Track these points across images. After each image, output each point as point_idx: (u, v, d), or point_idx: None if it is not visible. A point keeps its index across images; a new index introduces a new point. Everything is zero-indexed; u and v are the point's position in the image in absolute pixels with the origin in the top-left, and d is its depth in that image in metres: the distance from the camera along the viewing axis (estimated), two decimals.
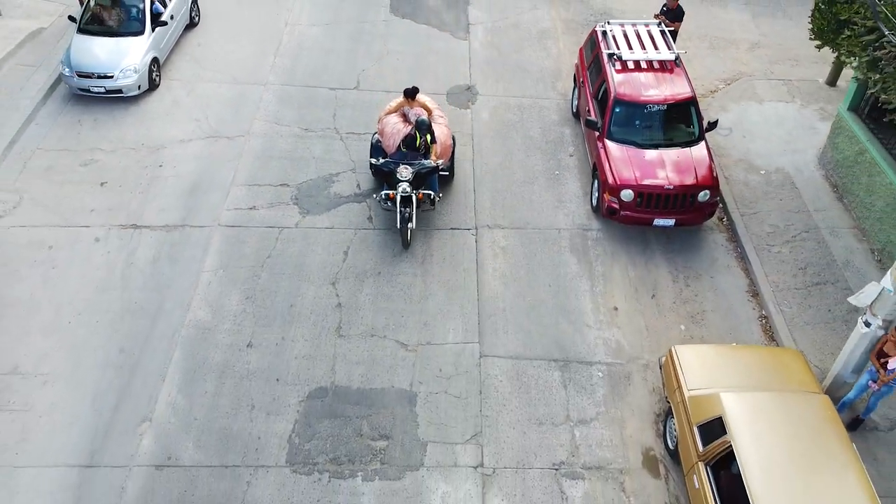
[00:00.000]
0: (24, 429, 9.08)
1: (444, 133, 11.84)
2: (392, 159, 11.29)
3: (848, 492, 7.13)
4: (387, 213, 11.66)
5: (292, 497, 8.51)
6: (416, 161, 11.14)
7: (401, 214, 10.90)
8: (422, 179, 11.16)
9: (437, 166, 11.36)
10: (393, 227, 11.57)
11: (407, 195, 10.87)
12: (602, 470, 8.85)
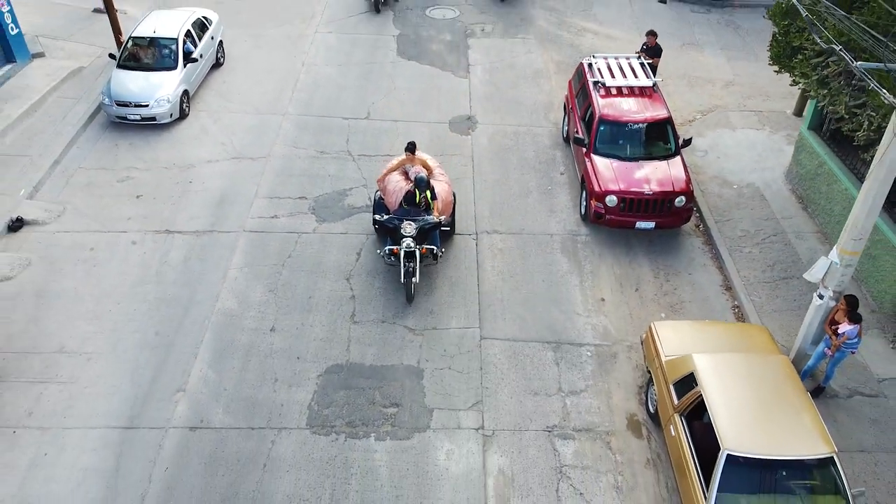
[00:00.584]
0: (70, 397, 10.11)
1: (445, 190, 12.16)
2: (395, 215, 11.59)
3: (802, 428, 8.15)
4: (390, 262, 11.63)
5: (312, 454, 9.48)
6: (420, 217, 11.41)
7: (405, 269, 11.16)
8: (424, 235, 11.40)
9: (440, 222, 11.65)
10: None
11: (411, 250, 11.11)
12: (591, 432, 9.84)
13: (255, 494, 9.01)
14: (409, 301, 11.51)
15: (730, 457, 7.89)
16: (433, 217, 11.52)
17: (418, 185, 11.52)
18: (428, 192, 11.63)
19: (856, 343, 9.41)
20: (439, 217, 11.67)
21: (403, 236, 11.22)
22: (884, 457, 9.41)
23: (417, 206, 11.56)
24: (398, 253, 11.20)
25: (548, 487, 9.15)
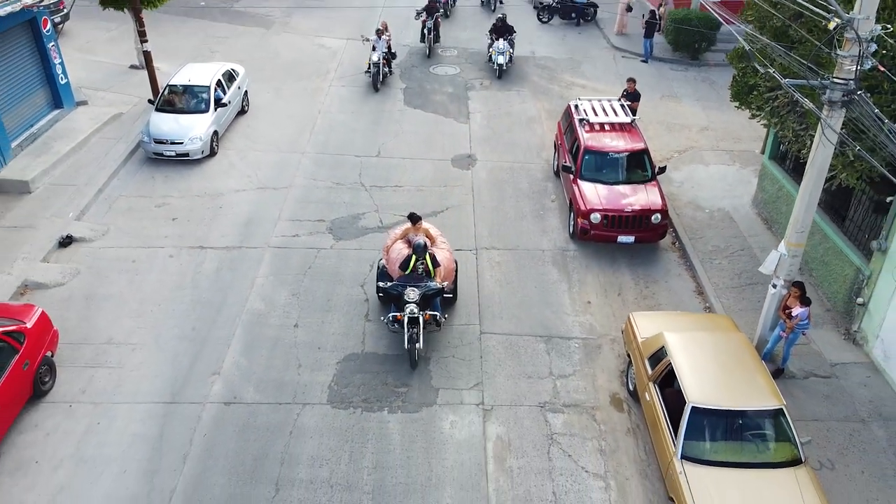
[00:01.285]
0: (118, 379, 11.46)
1: (447, 258, 12.41)
2: (399, 282, 11.75)
3: (755, 386, 9.51)
4: (394, 328, 11.69)
5: (333, 424, 10.77)
6: (423, 283, 11.58)
7: (408, 335, 11.28)
8: (427, 301, 11.53)
9: (443, 288, 11.78)
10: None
11: (414, 316, 11.23)
12: (578, 407, 11.15)
13: (283, 455, 10.26)
14: (413, 367, 11.58)
15: (694, 408, 9.24)
16: (436, 283, 11.65)
17: (416, 250, 11.76)
18: (427, 258, 11.81)
19: (807, 324, 10.87)
20: (442, 284, 11.79)
21: (407, 302, 11.31)
22: (834, 424, 10.70)
23: (415, 271, 11.75)
24: (402, 319, 11.28)
25: (540, 450, 10.42)
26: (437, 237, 12.83)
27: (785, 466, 8.99)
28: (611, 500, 9.73)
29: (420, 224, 12.62)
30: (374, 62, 21.15)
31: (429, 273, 11.82)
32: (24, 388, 10.60)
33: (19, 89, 17.34)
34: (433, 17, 24.20)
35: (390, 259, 12.33)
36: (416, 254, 11.78)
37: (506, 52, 22.35)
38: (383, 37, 21.66)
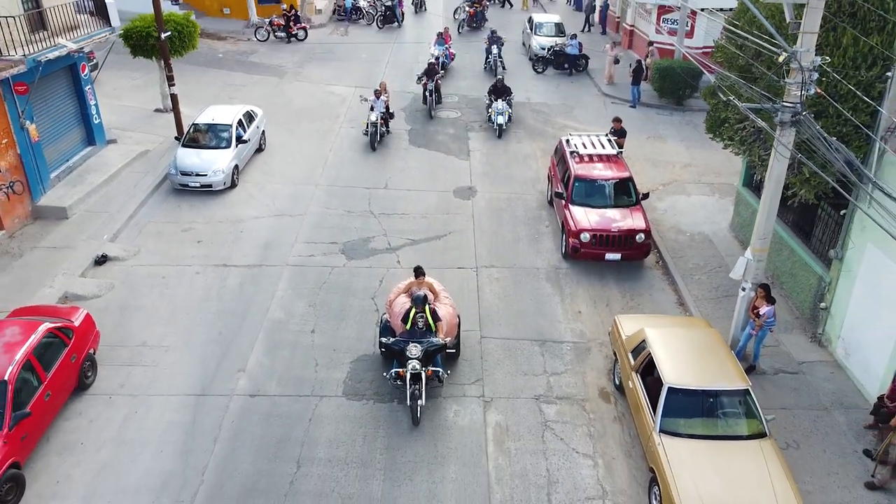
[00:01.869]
0: (153, 376, 12.65)
1: (450, 313, 12.39)
2: (401, 338, 11.70)
3: (724, 370, 10.73)
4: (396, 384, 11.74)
5: (348, 413, 11.92)
6: (425, 339, 11.52)
7: (410, 392, 11.28)
8: (429, 357, 11.47)
9: (445, 344, 11.68)
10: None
11: (416, 372, 11.22)
12: (569, 399, 12.32)
13: (303, 438, 11.39)
14: (416, 424, 11.50)
15: (670, 388, 10.44)
16: (438, 339, 11.59)
17: (415, 302, 11.79)
18: (427, 311, 11.82)
19: (773, 321, 12.15)
20: (444, 339, 11.73)
21: (409, 358, 11.28)
22: (800, 411, 11.86)
23: (415, 324, 11.71)
24: (404, 375, 11.32)
25: (535, 435, 11.55)
26: (441, 292, 12.83)
27: (751, 439, 10.15)
28: (599, 476, 10.83)
29: (423, 278, 12.77)
30: (371, 122, 21.50)
31: (429, 327, 11.79)
32: (71, 379, 11.79)
33: (59, 127, 18.97)
34: (434, 80, 24.72)
35: (393, 313, 12.33)
36: (415, 306, 11.77)
37: (504, 112, 22.98)
38: (381, 97, 22.13)
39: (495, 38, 29.76)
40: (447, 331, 12.03)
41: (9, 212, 16.66)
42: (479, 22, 36.83)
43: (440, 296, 12.68)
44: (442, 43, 28.98)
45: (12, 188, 16.70)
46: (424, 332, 11.69)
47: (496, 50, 29.08)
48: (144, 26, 21.97)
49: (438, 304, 12.39)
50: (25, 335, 11.16)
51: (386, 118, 22.28)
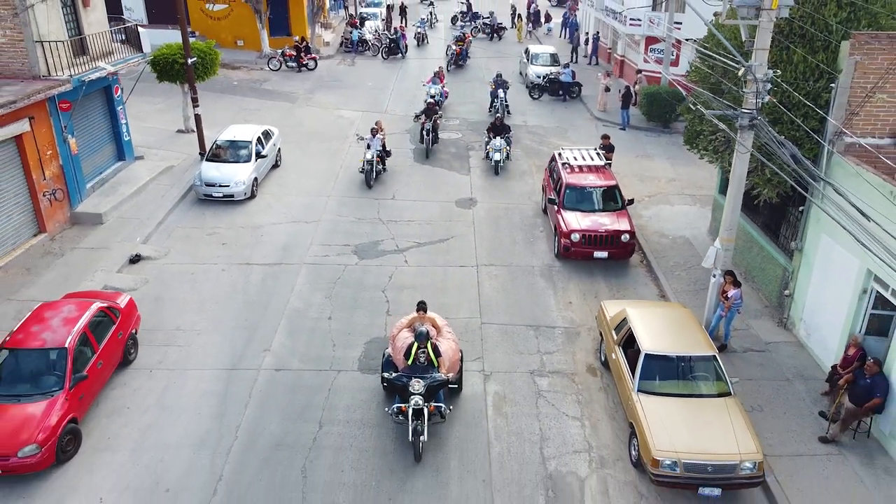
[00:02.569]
0: (188, 354, 14.14)
1: (452, 348, 12.38)
2: (404, 373, 11.68)
3: (694, 340, 12.25)
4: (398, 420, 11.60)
5: (363, 384, 13.38)
6: (428, 375, 11.50)
7: (413, 427, 11.22)
8: (432, 393, 11.45)
9: (448, 380, 11.68)
10: None
11: (419, 408, 11.18)
12: (560, 373, 13.80)
13: (324, 404, 12.84)
14: (418, 460, 11.43)
15: (647, 355, 11.95)
16: (441, 375, 11.59)
17: (417, 338, 11.80)
18: (429, 347, 11.81)
19: (740, 303, 13.70)
20: (447, 375, 11.74)
21: (412, 394, 11.26)
22: (765, 382, 13.34)
23: (416, 359, 11.73)
24: (406, 411, 11.30)
25: (529, 401, 13.01)
26: (444, 327, 12.82)
27: (717, 397, 11.61)
28: (585, 434, 12.27)
29: (425, 313, 12.92)
30: (367, 160, 21.54)
31: (431, 363, 11.78)
32: (118, 353, 13.29)
33: (95, 142, 20.72)
34: (432, 120, 24.57)
35: (395, 348, 12.35)
36: (417, 341, 11.79)
37: (502, 149, 22.99)
38: (378, 135, 21.98)
39: (501, 82, 29.10)
40: (449, 366, 12.02)
41: (51, 217, 18.29)
42: (463, 60, 37.78)
43: (442, 331, 12.67)
44: (437, 82, 28.98)
45: (55, 195, 18.37)
46: (426, 368, 11.67)
47: (502, 94, 28.64)
48: (170, 53, 23.88)
49: (441, 339, 12.35)
50: (80, 312, 12.70)
51: (382, 156, 22.22)
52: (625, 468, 11.59)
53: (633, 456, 11.55)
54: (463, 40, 38.49)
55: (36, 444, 10.81)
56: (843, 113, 13.00)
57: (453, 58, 37.12)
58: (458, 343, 12.96)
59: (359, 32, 40.55)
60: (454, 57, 37.15)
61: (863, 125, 13.08)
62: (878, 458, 11.63)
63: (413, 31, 44.42)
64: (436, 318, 12.98)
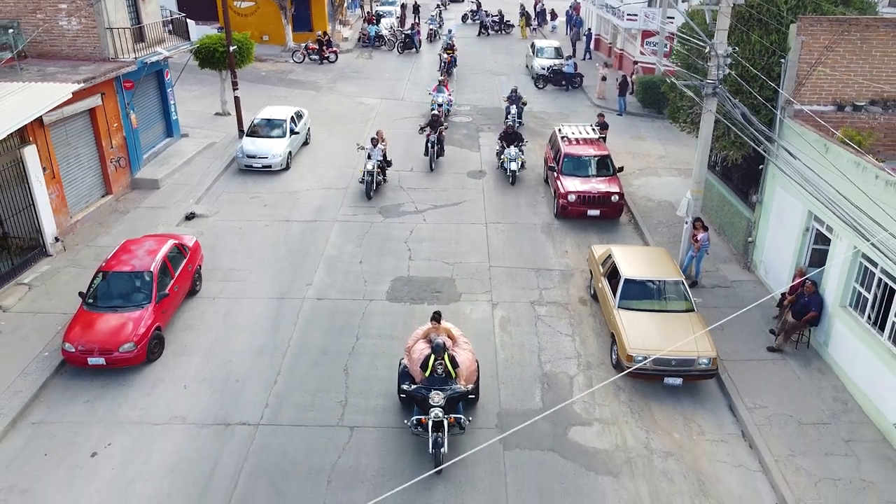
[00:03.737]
0: (243, 288, 16.85)
1: (469, 359, 12.31)
2: (423, 385, 11.59)
3: (665, 268, 14.87)
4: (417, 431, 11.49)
5: (391, 310, 16.05)
6: (447, 387, 11.43)
7: (433, 440, 11.10)
8: (451, 404, 11.38)
9: (467, 391, 11.60)
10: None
11: (439, 420, 11.08)
12: (556, 303, 16.43)
13: (359, 324, 15.51)
14: (439, 472, 11.24)
15: (626, 279, 14.57)
16: (461, 386, 11.56)
17: (435, 350, 11.65)
18: (447, 358, 11.68)
19: (707, 244, 16.31)
20: (466, 386, 11.71)
21: (432, 406, 11.17)
22: (727, 310, 15.81)
23: (434, 371, 11.60)
24: (426, 423, 11.19)
25: (530, 323, 15.65)
26: (459, 337, 12.78)
27: (682, 312, 14.23)
28: (575, 346, 14.90)
29: (441, 324, 12.75)
30: (368, 171, 21.22)
31: (449, 374, 11.70)
32: (188, 282, 16.01)
33: (149, 119, 23.51)
34: (437, 132, 24.00)
35: (412, 359, 12.22)
36: (434, 353, 11.67)
37: (517, 158, 22.55)
38: (378, 146, 21.68)
39: (516, 98, 27.85)
40: (466, 377, 11.97)
41: (116, 180, 21.07)
42: (450, 68, 36.46)
43: (458, 341, 12.63)
44: (442, 90, 28.81)
45: (119, 162, 21.15)
46: (444, 379, 11.60)
47: (514, 110, 27.34)
48: (211, 43, 26.68)
49: (457, 350, 12.29)
50: (160, 245, 15.46)
51: (383, 166, 21.89)
52: (606, 369, 14.22)
53: (613, 359, 14.17)
54: (452, 49, 37.34)
55: (132, 343, 13.54)
56: (792, 84, 15.58)
57: (444, 67, 36.11)
58: (475, 353, 12.80)
59: (376, 28, 43.32)
60: (445, 66, 36.14)
61: (809, 95, 15.66)
62: (814, 361, 14.22)
63: (426, 28, 47.13)
64: (451, 328, 12.84)
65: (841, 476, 11.43)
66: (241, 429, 12.48)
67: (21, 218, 16.94)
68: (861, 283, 13.28)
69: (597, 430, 12.62)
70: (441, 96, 28.53)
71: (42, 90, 16.71)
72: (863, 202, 11.90)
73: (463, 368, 11.91)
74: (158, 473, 11.51)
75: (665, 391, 13.55)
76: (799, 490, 11.13)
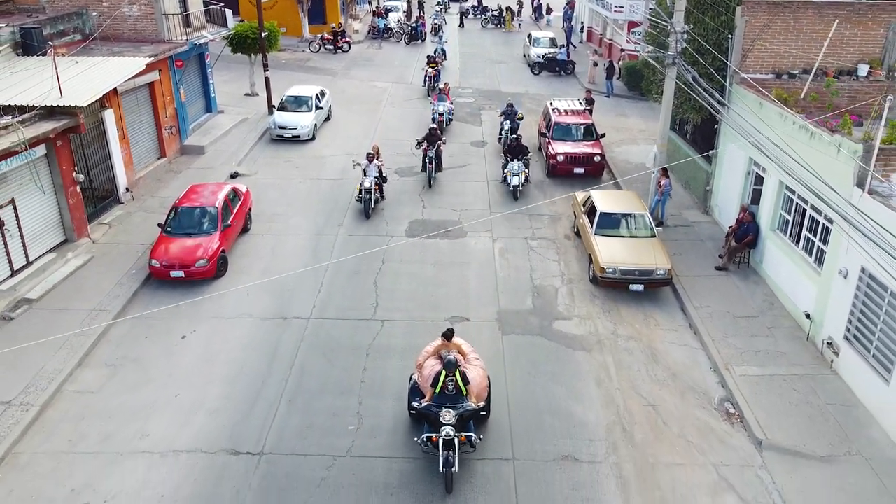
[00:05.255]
0: (285, 227, 20.29)
1: (480, 374, 12.12)
2: (434, 403, 11.43)
3: (634, 204, 18.34)
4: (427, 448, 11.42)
5: (409, 244, 19.45)
6: (459, 405, 11.28)
7: (443, 459, 11.00)
8: (463, 422, 11.26)
9: (479, 409, 11.50)
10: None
11: (450, 438, 10.97)
12: (545, 238, 19.87)
13: (383, 253, 18.89)
14: (449, 492, 11.22)
15: (601, 213, 18.03)
16: (472, 404, 11.41)
17: (447, 366, 11.47)
18: (458, 375, 11.48)
19: (669, 188, 19.77)
20: (477, 404, 11.56)
21: (443, 425, 11.09)
22: (686, 242, 19.35)
23: (444, 388, 11.46)
24: (436, 441, 11.11)
25: (523, 252, 19.09)
26: (470, 353, 12.57)
27: (645, 237, 17.67)
28: (560, 268, 18.34)
29: (451, 341, 12.52)
30: (365, 188, 20.74)
31: (459, 391, 11.53)
32: (242, 220, 19.46)
33: (193, 95, 26.97)
34: (435, 146, 23.45)
35: (423, 376, 12.09)
36: (446, 369, 11.49)
37: (520, 172, 22.21)
38: (374, 162, 21.20)
39: (511, 112, 26.45)
40: (478, 393, 11.81)
41: (169, 145, 24.52)
42: (435, 82, 33.35)
43: (469, 357, 12.47)
44: (443, 99, 28.53)
45: (171, 130, 24.60)
46: (455, 397, 11.47)
47: (508, 125, 25.99)
48: (244, 30, 30.16)
49: (468, 366, 12.14)
50: (220, 188, 18.95)
51: (380, 183, 21.35)
52: (584, 283, 17.66)
53: (590, 275, 17.61)
54: (436, 62, 34.69)
55: (205, 260, 16.97)
56: (738, 57, 19.01)
57: (429, 81, 33.45)
58: (486, 369, 12.64)
59: (384, 21, 46.77)
60: (430, 80, 33.43)
61: (752, 65, 19.10)
62: (752, 276, 17.67)
63: (430, 21, 50.55)
64: (462, 344, 12.64)
65: (761, 349, 14.87)
66: (296, 321, 15.93)
67: (100, 170, 20.37)
68: (786, 210, 16.72)
69: (575, 322, 16.08)
70: (442, 105, 28.13)
71: (118, 63, 20.12)
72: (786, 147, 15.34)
73: (474, 385, 11.74)
74: (236, 349, 14.95)
75: (630, 296, 17.00)
76: (727, 358, 14.57)
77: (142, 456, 12.02)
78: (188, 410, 13.09)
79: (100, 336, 15.11)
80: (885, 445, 12.23)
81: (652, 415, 13.22)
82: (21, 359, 13.90)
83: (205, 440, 12.37)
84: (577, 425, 12.93)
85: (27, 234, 16.99)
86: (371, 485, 11.53)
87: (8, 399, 13.09)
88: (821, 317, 14.63)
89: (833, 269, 14.18)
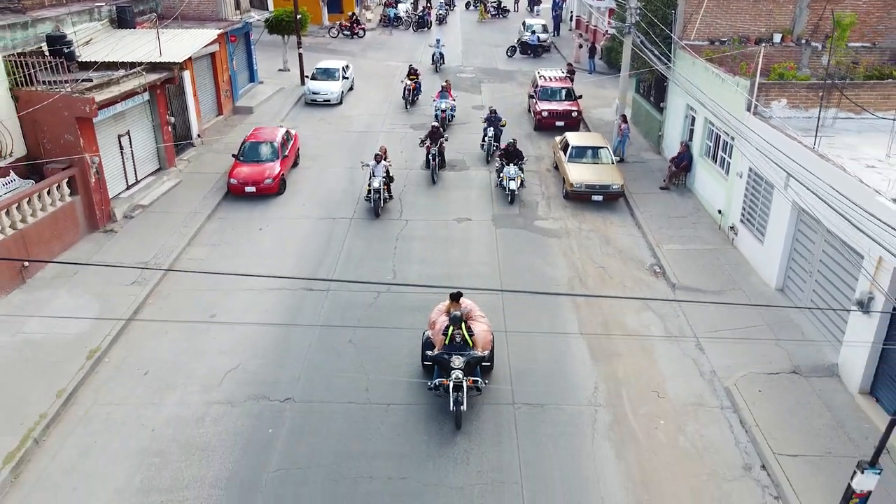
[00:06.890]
0: (325, 163, 25.76)
1: (484, 329, 13.56)
2: (444, 351, 12.79)
3: (599, 141, 23.81)
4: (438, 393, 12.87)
5: (421, 175, 24.90)
6: (466, 352, 12.66)
7: (454, 398, 12.22)
8: (470, 368, 12.56)
9: (483, 356, 12.91)
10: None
11: (459, 381, 12.15)
12: (531, 171, 25.25)
13: (405, 176, 24.35)
14: (458, 427, 12.49)
15: (573, 146, 23.51)
16: (477, 352, 12.83)
17: (452, 320, 12.95)
18: (463, 327, 12.94)
19: (627, 131, 25.26)
20: (482, 352, 12.99)
21: (453, 369, 12.30)
22: (639, 173, 24.75)
23: (453, 339, 12.78)
24: (447, 384, 12.31)
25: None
26: (475, 311, 13.98)
27: (606, 164, 23.14)
28: (541, 190, 23.78)
29: (459, 302, 13.80)
30: (374, 188, 21.15)
31: (466, 342, 12.91)
32: (293, 155, 24.93)
33: (241, 66, 32.45)
34: (437, 144, 24.35)
35: (435, 330, 13.61)
36: (452, 323, 12.92)
37: (516, 177, 22.45)
38: (382, 162, 21.71)
39: (494, 119, 26.50)
40: (482, 344, 13.24)
41: (225, 106, 30.00)
42: (415, 95, 32.58)
43: (474, 314, 13.89)
44: (445, 96, 29.48)
45: (226, 93, 30.08)
46: (462, 346, 12.83)
47: (492, 132, 26.04)
48: (281, 14, 35.68)
49: (473, 322, 13.60)
50: (277, 129, 24.45)
51: (388, 183, 21.91)
52: (559, 199, 23.11)
53: (563, 193, 23.04)
54: (416, 74, 33.22)
55: (271, 178, 22.44)
56: (680, 27, 24.45)
57: (408, 94, 32.13)
58: (490, 326, 14.08)
59: (394, 11, 52.26)
60: (408, 93, 32.12)
61: (694, 35, 24.53)
62: (686, 193, 23.14)
63: (435, 12, 56.08)
64: (468, 303, 14.01)
65: (685, 235, 20.32)
66: (342, 220, 21.39)
67: (181, 118, 25.83)
68: (708, 139, 22.20)
69: (550, 222, 21.54)
70: (445, 102, 28.96)
71: (194, 34, 25.56)
72: (710, 93, 20.79)
73: (479, 337, 13.23)
74: (300, 236, 20.39)
75: (593, 205, 22.46)
76: (659, 240, 20.00)
77: (245, 292, 17.46)
78: (274, 271, 18.55)
79: (198, 229, 20.57)
80: (758, 284, 17.69)
81: (601, 272, 18.68)
82: (147, 238, 19.40)
83: (289, 283, 17.83)
84: (548, 279, 18.38)
85: (137, 159, 22.47)
86: (404, 308, 16.97)
87: (145, 260, 18.56)
88: (727, 210, 20.11)
89: (734, 173, 19.66)
